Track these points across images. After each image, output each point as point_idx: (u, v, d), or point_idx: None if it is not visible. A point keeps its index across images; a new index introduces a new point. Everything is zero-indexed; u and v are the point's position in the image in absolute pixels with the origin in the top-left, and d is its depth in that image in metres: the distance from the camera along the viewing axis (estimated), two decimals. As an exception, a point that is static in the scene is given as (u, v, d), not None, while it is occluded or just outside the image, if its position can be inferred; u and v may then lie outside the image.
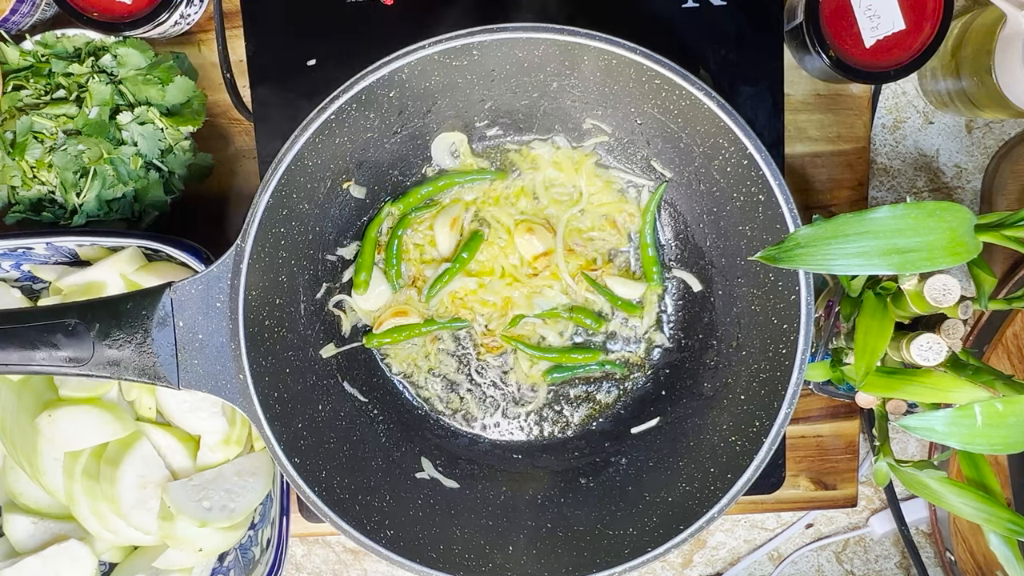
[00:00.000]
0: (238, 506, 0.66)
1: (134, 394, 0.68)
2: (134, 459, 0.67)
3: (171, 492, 0.66)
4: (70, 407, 0.66)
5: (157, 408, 0.68)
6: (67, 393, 0.67)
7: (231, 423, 0.68)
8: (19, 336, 0.55)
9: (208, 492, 0.67)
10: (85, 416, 0.66)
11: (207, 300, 0.57)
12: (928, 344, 0.60)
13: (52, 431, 0.65)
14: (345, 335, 0.70)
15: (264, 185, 0.57)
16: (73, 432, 0.66)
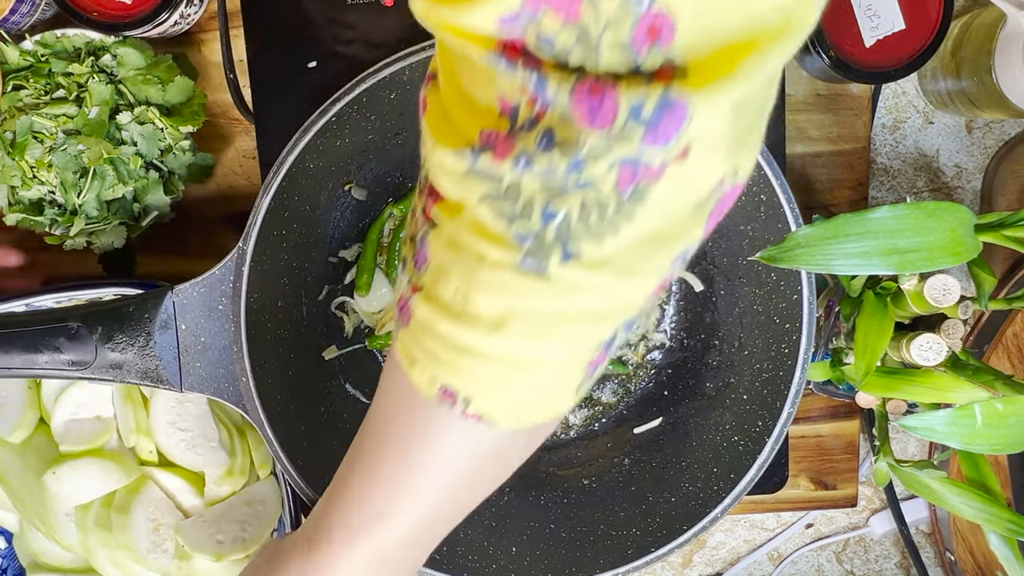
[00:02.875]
0: (251, 535, 0.67)
1: (132, 440, 0.68)
2: (143, 504, 0.67)
3: (184, 531, 0.66)
4: (72, 461, 0.66)
5: (158, 450, 0.68)
6: (67, 448, 0.67)
7: (231, 454, 0.68)
8: (22, 339, 0.55)
9: (220, 526, 0.67)
10: (88, 468, 0.66)
11: (209, 303, 0.57)
12: (928, 344, 0.60)
13: (59, 487, 0.66)
14: (347, 337, 0.70)
15: (265, 187, 0.57)
16: (79, 485, 0.66)
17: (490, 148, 0.35)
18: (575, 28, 0.32)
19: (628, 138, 0.33)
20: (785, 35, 0.33)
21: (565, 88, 0.33)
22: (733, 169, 0.36)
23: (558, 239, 0.36)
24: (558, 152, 0.34)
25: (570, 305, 0.38)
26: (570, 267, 0.36)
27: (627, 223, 0.35)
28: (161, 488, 0.68)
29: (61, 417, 0.68)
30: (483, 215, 0.37)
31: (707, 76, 0.32)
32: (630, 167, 0.34)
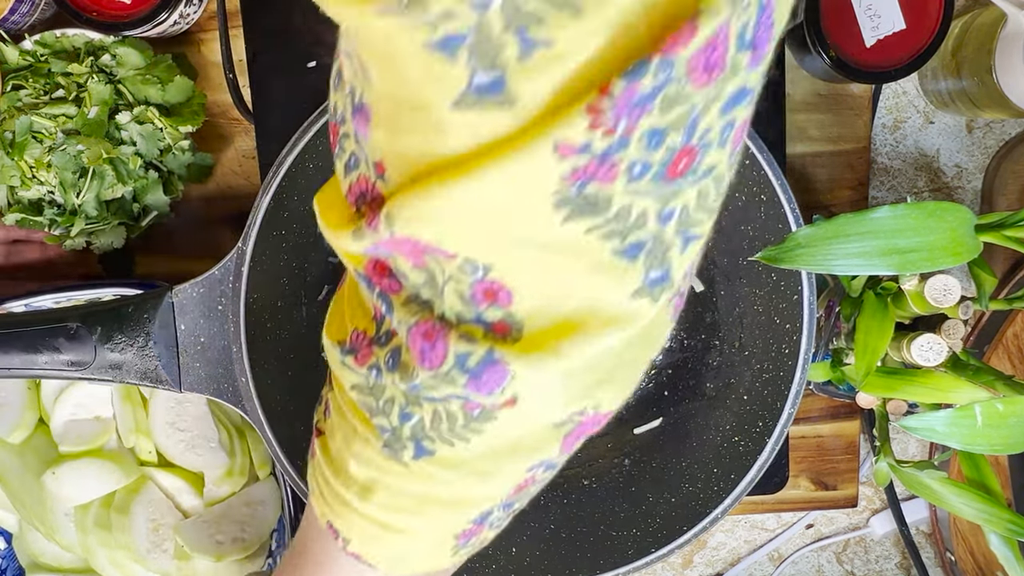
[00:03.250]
0: (250, 536, 0.67)
1: (132, 440, 0.68)
2: (142, 504, 0.67)
3: (183, 531, 0.66)
4: (72, 462, 0.67)
5: (157, 451, 0.68)
6: (67, 448, 0.67)
7: (230, 455, 0.68)
8: (21, 340, 0.55)
9: (220, 526, 0.67)
10: (88, 468, 0.66)
11: (208, 303, 0.57)
12: (928, 344, 0.60)
13: (58, 488, 0.66)
14: (347, 337, 0.70)
15: (265, 187, 0.57)
16: (79, 486, 0.66)
17: (354, 351, 0.39)
18: (424, 271, 0.34)
19: (453, 382, 0.35)
20: (623, 324, 0.34)
21: (404, 326, 0.36)
22: (594, 404, 0.38)
23: (413, 438, 0.39)
24: (399, 375, 0.37)
25: (429, 490, 0.40)
26: (423, 462, 0.39)
27: (477, 435, 0.38)
28: (160, 488, 0.68)
29: (60, 417, 0.68)
30: (354, 399, 0.40)
31: (535, 345, 0.34)
32: (463, 400, 0.36)
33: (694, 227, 0.33)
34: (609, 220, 0.31)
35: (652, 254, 0.33)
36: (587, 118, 0.28)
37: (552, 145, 0.29)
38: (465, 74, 0.28)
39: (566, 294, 0.33)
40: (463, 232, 0.32)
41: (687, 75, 0.28)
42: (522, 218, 0.31)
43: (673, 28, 0.27)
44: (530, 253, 0.32)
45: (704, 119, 0.30)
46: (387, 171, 0.33)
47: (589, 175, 0.30)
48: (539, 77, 0.28)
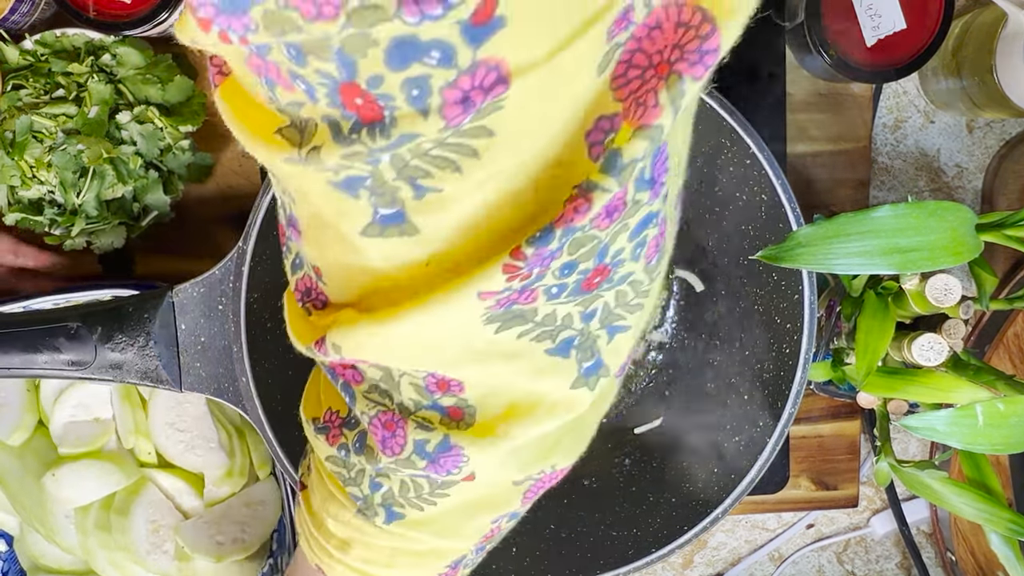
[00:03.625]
0: (251, 536, 0.67)
1: (132, 441, 0.68)
2: (143, 505, 0.67)
3: (183, 532, 0.66)
4: (72, 463, 0.66)
5: (157, 452, 0.68)
6: (66, 450, 0.67)
7: (230, 455, 0.68)
8: (21, 339, 0.55)
9: (220, 527, 0.67)
10: (88, 470, 0.66)
11: (209, 303, 0.57)
12: (929, 344, 0.60)
13: (58, 489, 0.66)
14: (347, 336, 0.70)
15: (265, 187, 0.57)
16: (79, 487, 0.66)
17: (326, 431, 0.42)
18: (380, 369, 0.37)
19: (413, 465, 0.39)
20: (566, 410, 0.38)
21: (366, 416, 0.39)
22: (549, 465, 0.41)
23: (383, 504, 0.42)
24: (365, 458, 0.41)
25: (402, 546, 0.43)
26: (395, 525, 0.42)
27: (442, 499, 0.41)
28: (160, 490, 0.68)
29: (60, 419, 0.68)
30: (329, 469, 0.43)
31: (486, 431, 0.37)
32: (424, 475, 0.40)
33: (617, 320, 0.37)
34: (537, 324, 0.34)
35: (581, 348, 0.36)
36: (504, 275, 0.31)
37: (475, 293, 0.32)
38: (368, 209, 0.31)
39: (510, 384, 0.36)
40: (406, 356, 0.35)
41: (590, 224, 0.31)
42: (458, 339, 0.34)
43: (565, 195, 0.31)
44: (472, 358, 0.35)
45: (613, 246, 0.33)
46: (323, 275, 0.37)
47: (512, 301, 0.33)
48: (437, 214, 0.31)
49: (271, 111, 0.31)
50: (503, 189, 0.31)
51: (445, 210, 0.31)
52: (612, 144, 0.30)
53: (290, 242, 0.39)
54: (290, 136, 0.30)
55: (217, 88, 0.34)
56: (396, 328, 0.33)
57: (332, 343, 0.36)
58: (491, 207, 0.31)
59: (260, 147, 0.31)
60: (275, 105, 0.30)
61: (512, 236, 0.31)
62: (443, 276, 0.32)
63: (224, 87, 0.33)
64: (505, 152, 0.29)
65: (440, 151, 0.29)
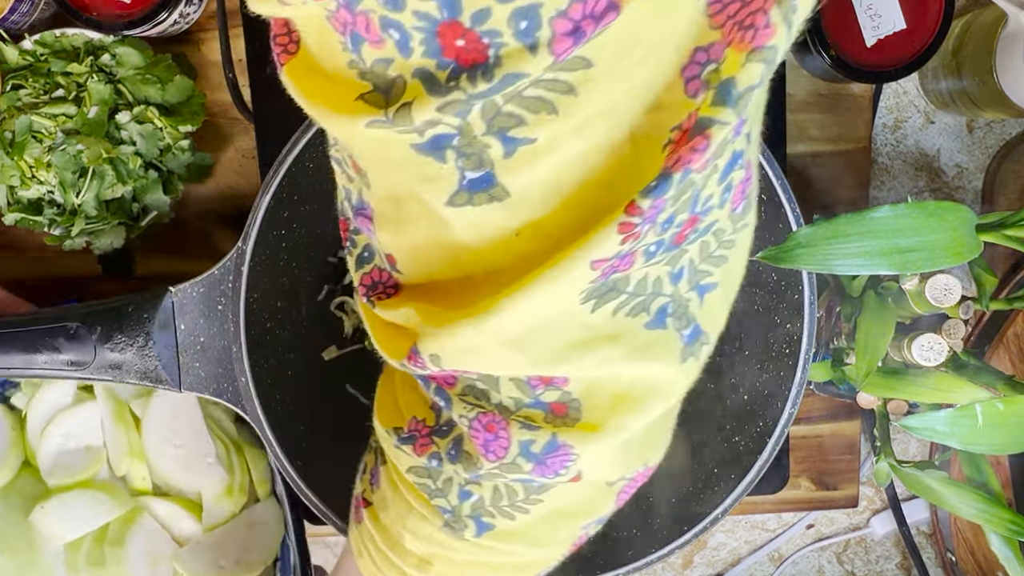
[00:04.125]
0: (253, 556, 0.64)
1: (124, 466, 0.65)
2: (138, 535, 0.64)
3: (183, 560, 0.63)
4: (61, 495, 0.63)
5: (151, 478, 0.65)
6: (56, 481, 0.64)
7: (229, 470, 0.65)
8: (21, 339, 0.55)
9: (221, 550, 0.64)
10: (78, 501, 0.63)
11: (208, 303, 0.57)
12: (929, 344, 0.60)
13: (47, 524, 0.62)
14: (347, 337, 0.70)
15: (265, 187, 0.57)
16: (69, 520, 0.63)
17: (412, 440, 0.40)
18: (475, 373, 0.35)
19: (519, 468, 0.36)
20: (677, 390, 0.37)
21: (465, 421, 0.37)
22: (644, 462, 0.40)
23: (473, 515, 0.40)
24: (462, 466, 0.38)
25: (489, 560, 0.41)
26: (484, 538, 0.40)
27: (535, 506, 0.39)
28: (156, 518, 0.65)
29: (48, 449, 0.65)
30: (410, 480, 0.41)
31: (596, 425, 0.35)
32: (527, 480, 0.38)
33: (704, 278, 0.35)
34: (630, 295, 0.33)
35: (676, 315, 0.34)
36: (619, 235, 0.29)
37: (588, 263, 0.30)
38: (454, 174, 0.29)
39: (615, 371, 0.34)
40: (505, 358, 0.33)
41: (703, 164, 0.29)
42: (557, 326, 0.32)
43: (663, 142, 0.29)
44: (574, 346, 0.33)
45: (704, 191, 0.31)
46: (398, 263, 0.35)
47: (613, 269, 0.31)
48: (528, 171, 0.29)
49: (350, 79, 0.29)
50: (598, 138, 0.29)
51: (536, 165, 0.29)
52: (719, 74, 0.28)
53: (356, 236, 0.38)
54: (374, 100, 0.28)
55: (283, 67, 0.32)
56: (495, 321, 0.31)
57: (429, 355, 0.34)
58: (586, 160, 0.29)
59: (338, 117, 0.29)
60: (357, 69, 0.29)
61: (609, 195, 0.29)
62: (535, 249, 0.30)
63: (290, 66, 0.32)
64: (602, 88, 0.28)
65: (535, 90, 0.27)
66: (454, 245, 0.32)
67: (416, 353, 0.34)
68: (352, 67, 0.29)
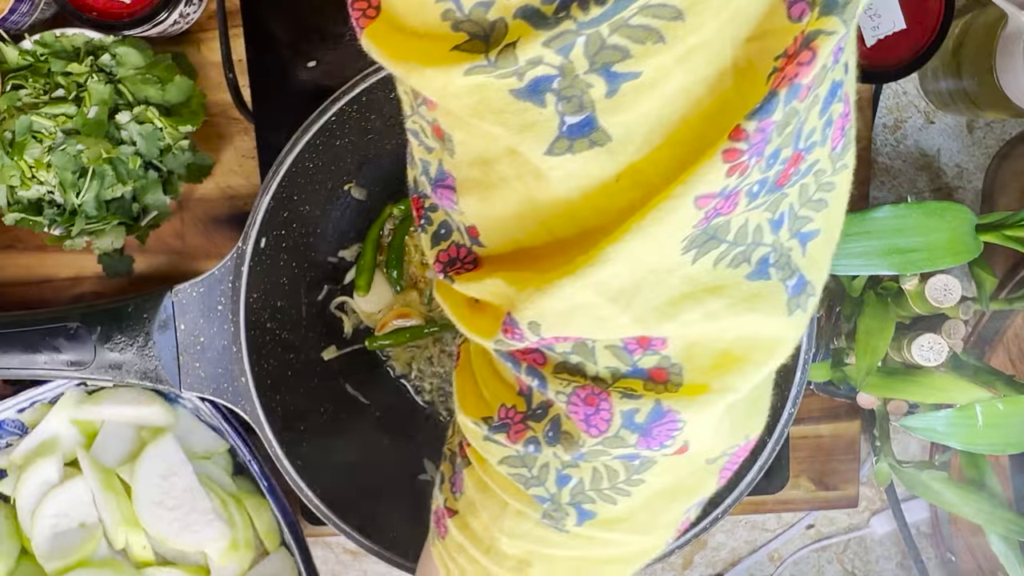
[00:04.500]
0: None
1: (122, 539, 0.62)
2: None
3: None
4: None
5: (152, 545, 0.63)
6: (55, 565, 0.61)
7: (230, 524, 0.62)
8: (21, 340, 0.55)
9: None
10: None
11: (208, 303, 0.57)
12: (929, 344, 0.60)
13: None
14: (347, 337, 0.70)
15: (265, 187, 0.57)
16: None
17: (505, 429, 0.38)
18: (571, 342, 0.34)
19: (623, 441, 0.34)
20: (786, 344, 0.34)
21: (563, 397, 0.35)
22: (745, 434, 0.38)
23: (573, 502, 0.37)
24: (562, 447, 0.36)
25: (589, 554, 0.39)
26: (586, 527, 0.38)
27: (637, 487, 0.37)
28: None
29: (42, 531, 0.62)
30: (504, 472, 0.39)
31: (701, 387, 0.33)
32: (630, 456, 0.36)
33: (805, 225, 0.33)
34: (731, 244, 0.31)
35: (779, 265, 0.33)
36: (725, 164, 0.28)
37: (692, 199, 0.28)
38: (554, 119, 0.28)
39: (718, 328, 0.33)
40: (609, 317, 0.32)
41: (807, 84, 0.28)
42: (659, 281, 0.31)
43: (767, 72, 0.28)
44: (674, 302, 0.32)
45: (807, 125, 0.30)
46: (481, 235, 0.34)
47: (717, 211, 0.30)
48: (630, 110, 0.28)
49: (443, 31, 0.28)
50: (702, 70, 0.28)
51: (639, 102, 0.28)
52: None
53: (431, 213, 0.36)
54: (472, 47, 0.28)
55: (363, 31, 0.31)
56: (597, 273, 0.30)
57: (528, 323, 0.32)
58: (689, 94, 0.28)
59: (431, 71, 0.28)
60: (451, 20, 0.28)
61: (712, 131, 0.28)
62: (633, 199, 0.29)
63: (371, 29, 0.31)
64: (710, 10, 0.27)
65: (643, 17, 0.26)
66: (547, 205, 0.31)
67: (513, 324, 0.33)
68: (446, 18, 0.28)
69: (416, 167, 0.36)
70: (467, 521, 0.42)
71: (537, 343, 0.33)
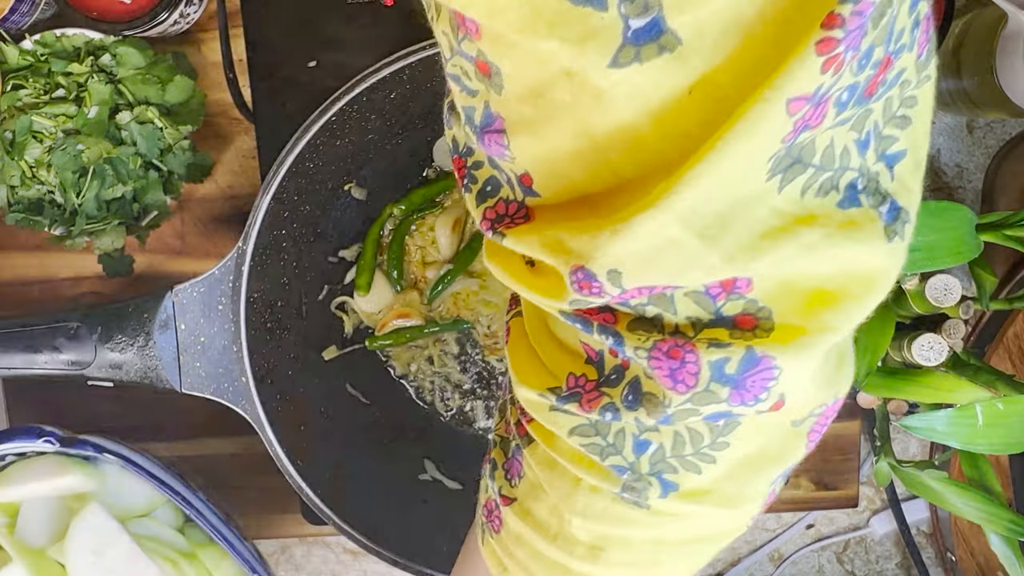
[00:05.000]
0: None
1: None
2: None
3: None
4: None
5: None
6: None
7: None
8: (21, 339, 0.55)
9: None
10: None
11: (209, 303, 0.57)
12: (929, 344, 0.60)
13: None
14: (347, 337, 0.70)
15: (265, 187, 0.57)
16: None
17: (576, 398, 0.34)
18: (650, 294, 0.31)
19: (714, 396, 0.31)
20: (881, 282, 0.31)
21: (642, 353, 0.31)
22: (832, 394, 0.35)
23: (653, 471, 0.34)
24: (644, 411, 0.33)
25: (669, 534, 0.36)
26: (669, 500, 0.34)
27: (722, 451, 0.34)
28: None
29: None
30: (575, 445, 0.35)
31: (795, 331, 0.30)
32: (719, 415, 0.32)
33: (890, 146, 0.30)
34: (817, 169, 0.29)
35: (868, 191, 0.30)
36: (819, 59, 0.25)
37: (785, 104, 0.25)
38: (617, 23, 0.25)
39: (809, 264, 0.30)
40: (696, 255, 0.29)
41: None
42: (746, 213, 0.28)
43: None
44: (768, 241, 0.29)
45: (897, 23, 0.28)
46: (536, 182, 0.31)
47: (805, 124, 0.27)
48: (700, 5, 0.25)
49: None
50: None
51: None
52: None
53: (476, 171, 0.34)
54: None
55: None
56: (679, 201, 0.27)
57: (608, 272, 0.29)
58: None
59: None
60: None
61: (794, 28, 0.25)
62: (707, 120, 0.26)
63: None
64: None
65: None
66: (609, 136, 0.28)
67: (589, 278, 0.29)
68: None
69: (458, 119, 0.33)
70: (529, 508, 0.38)
71: (618, 297, 0.30)
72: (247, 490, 0.76)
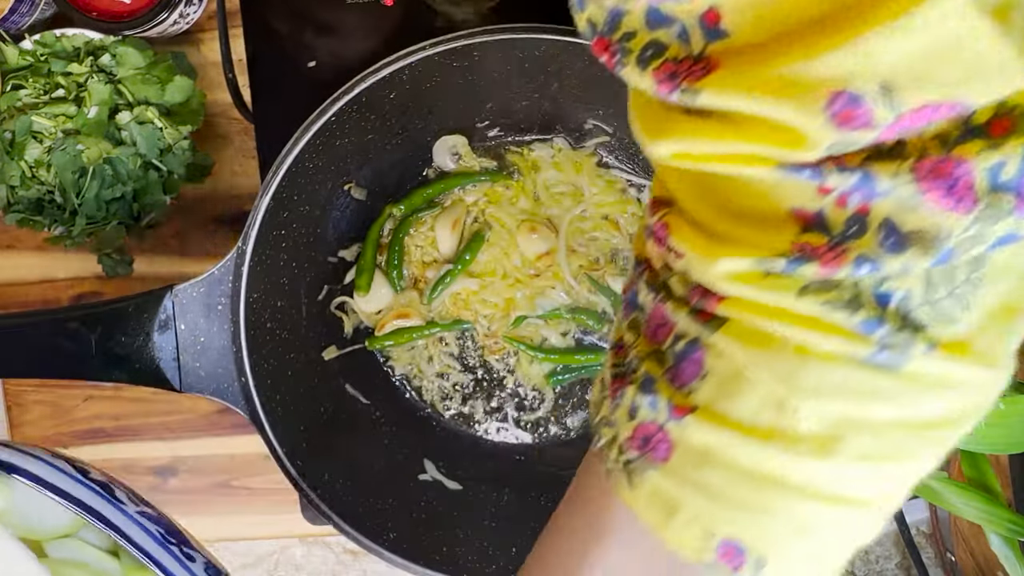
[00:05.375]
0: None
1: None
2: None
3: None
4: None
5: None
6: None
7: None
8: (21, 339, 0.55)
9: None
10: None
11: (208, 303, 0.57)
12: (930, 344, 0.60)
13: None
14: (347, 337, 0.70)
15: (265, 187, 0.57)
16: None
17: (812, 259, 0.28)
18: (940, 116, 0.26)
19: (999, 209, 0.26)
20: None
21: (904, 176, 0.26)
22: None
23: (906, 326, 0.29)
24: (915, 250, 0.27)
25: (919, 412, 0.30)
26: (932, 357, 0.29)
27: (978, 291, 0.29)
28: None
29: None
30: (809, 307, 0.29)
31: None
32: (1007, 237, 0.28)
33: None
34: None
35: None
36: None
37: None
38: None
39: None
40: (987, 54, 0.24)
41: None
42: None
43: None
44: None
45: None
46: (724, 19, 0.26)
47: None
48: None
49: None
50: None
51: None
52: None
53: (627, 43, 0.29)
54: None
55: None
56: None
57: (879, 85, 0.24)
58: None
59: None
60: None
61: None
62: None
63: None
64: None
65: None
66: None
67: (854, 102, 0.25)
68: None
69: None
70: (723, 410, 0.30)
71: (893, 126, 0.25)
72: (246, 490, 0.76)
